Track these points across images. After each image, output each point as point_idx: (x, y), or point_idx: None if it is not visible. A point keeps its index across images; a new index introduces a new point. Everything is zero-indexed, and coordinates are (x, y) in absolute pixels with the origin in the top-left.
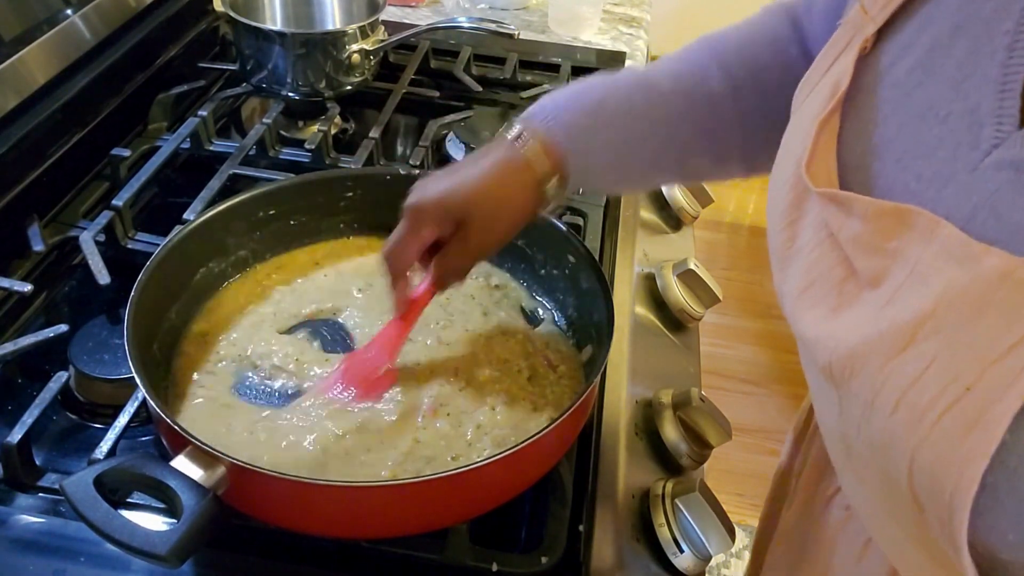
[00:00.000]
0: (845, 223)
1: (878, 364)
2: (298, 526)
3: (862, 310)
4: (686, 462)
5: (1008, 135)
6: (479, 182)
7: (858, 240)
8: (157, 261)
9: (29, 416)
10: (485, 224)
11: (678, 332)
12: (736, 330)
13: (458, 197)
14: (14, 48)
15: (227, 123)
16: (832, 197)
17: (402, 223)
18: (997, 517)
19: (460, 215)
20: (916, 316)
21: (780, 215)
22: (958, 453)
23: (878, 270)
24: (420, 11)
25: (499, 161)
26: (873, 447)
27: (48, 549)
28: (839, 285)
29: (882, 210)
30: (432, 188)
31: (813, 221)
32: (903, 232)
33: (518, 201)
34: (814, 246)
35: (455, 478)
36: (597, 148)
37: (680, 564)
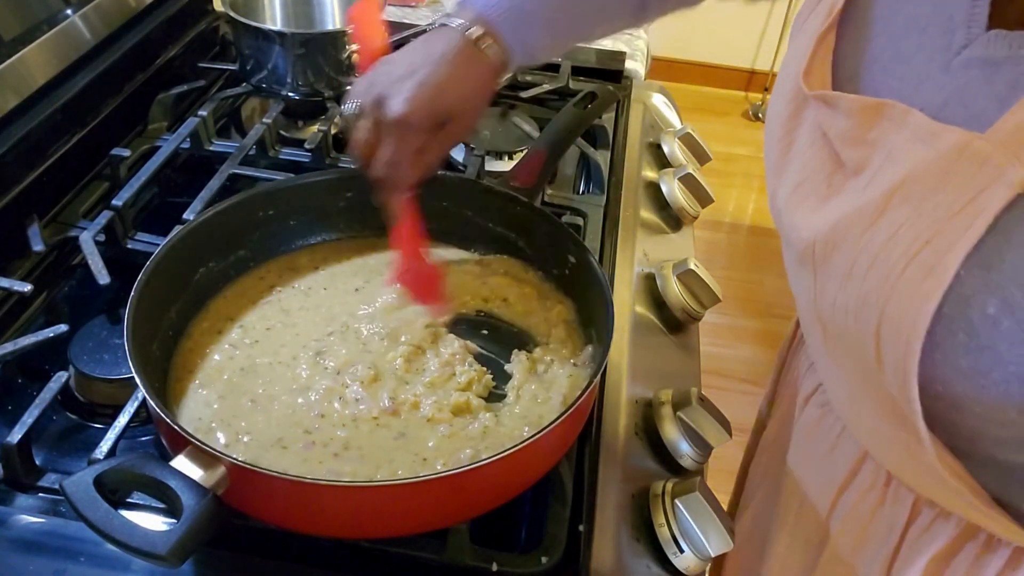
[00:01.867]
0: (834, 120)
1: (856, 235)
2: (298, 526)
3: (846, 195)
4: (686, 462)
5: (975, 37)
6: (455, 80)
7: (844, 134)
8: (157, 261)
9: (29, 416)
10: (468, 119)
11: (678, 332)
12: (736, 330)
13: (444, 99)
14: (14, 48)
15: (227, 123)
16: (823, 98)
17: (390, 136)
18: (951, 345)
19: (447, 116)
20: (887, 190)
21: (779, 126)
22: (917, 295)
23: (861, 159)
24: (420, 11)
25: (461, 56)
26: (848, 315)
27: (48, 549)
28: (828, 177)
29: (864, 105)
30: (411, 93)
31: (808, 126)
32: (880, 123)
33: (488, 90)
34: (808, 146)
35: (455, 478)
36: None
37: (680, 564)
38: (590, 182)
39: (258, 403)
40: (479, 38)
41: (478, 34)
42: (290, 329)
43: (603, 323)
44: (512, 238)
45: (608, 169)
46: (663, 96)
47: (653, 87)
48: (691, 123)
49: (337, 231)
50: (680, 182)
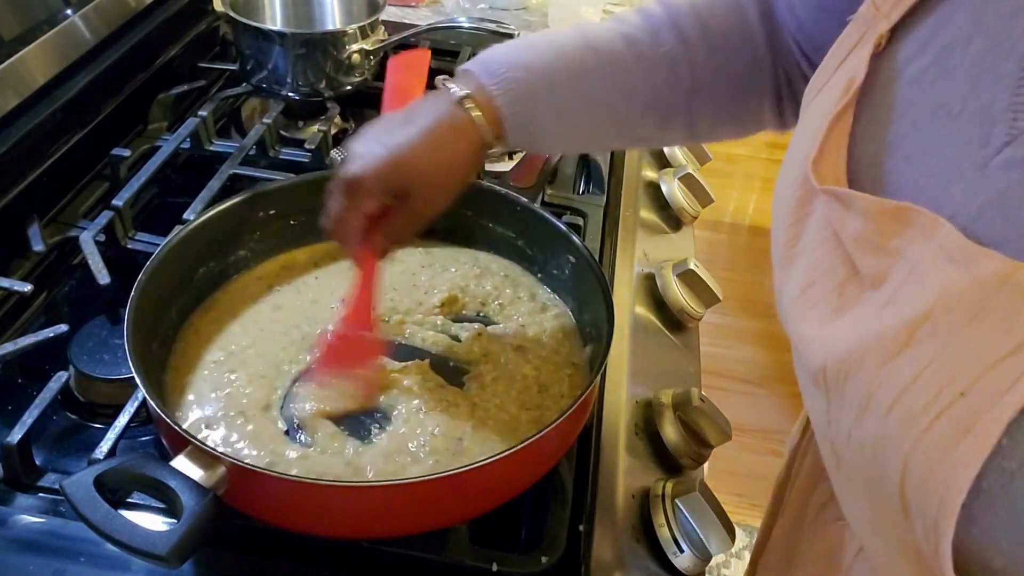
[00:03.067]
0: (847, 221)
1: (874, 367)
2: (298, 526)
3: (862, 311)
4: (686, 462)
5: (1021, 132)
6: (421, 150)
7: (860, 239)
8: (157, 261)
9: (29, 416)
10: (429, 194)
11: (678, 332)
12: (736, 330)
13: (400, 168)
14: (14, 48)
15: (227, 123)
16: (835, 195)
17: (340, 194)
18: (991, 523)
19: (403, 187)
20: (913, 318)
21: (786, 214)
22: (950, 458)
23: (880, 270)
24: (420, 11)
25: (441, 126)
26: (864, 452)
27: (48, 549)
28: (841, 286)
29: (883, 208)
30: (370, 156)
31: (818, 220)
32: (903, 231)
33: (462, 168)
34: (817, 245)
35: (455, 478)
36: (541, 113)
37: (680, 564)
38: (590, 182)
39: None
40: (466, 101)
41: (465, 96)
42: (290, 328)
43: (603, 323)
44: (512, 238)
45: (608, 169)
46: None
47: None
48: None
49: None
50: (680, 182)
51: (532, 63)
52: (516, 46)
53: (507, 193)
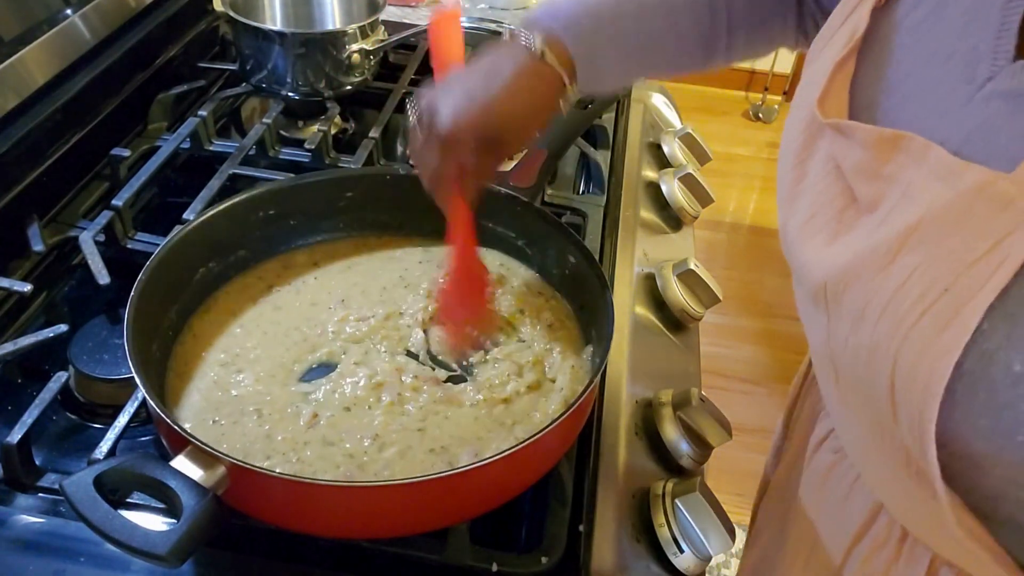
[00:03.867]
0: (848, 151)
1: (868, 276)
2: (298, 526)
3: (859, 233)
4: (686, 462)
5: (1001, 69)
6: (509, 100)
7: (859, 167)
8: (157, 261)
9: (29, 416)
10: (518, 138)
11: (678, 332)
12: (736, 330)
13: (492, 118)
14: (14, 48)
15: (227, 123)
16: (838, 127)
17: (437, 149)
18: (971, 404)
19: (494, 135)
20: (902, 230)
21: (792, 154)
22: (934, 348)
23: (875, 194)
24: (420, 11)
25: (522, 74)
26: (859, 359)
27: (48, 549)
28: (840, 213)
29: (880, 136)
30: (461, 109)
31: (822, 157)
32: (898, 156)
33: (545, 111)
34: (820, 178)
35: (455, 478)
36: (605, 53)
37: (680, 564)
38: (590, 182)
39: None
40: (543, 52)
41: (542, 48)
42: (291, 329)
43: (603, 323)
44: (512, 238)
45: (608, 169)
46: (663, 96)
47: (653, 87)
48: (691, 123)
49: (337, 231)
50: (680, 182)
51: (593, 7)
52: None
53: (507, 193)
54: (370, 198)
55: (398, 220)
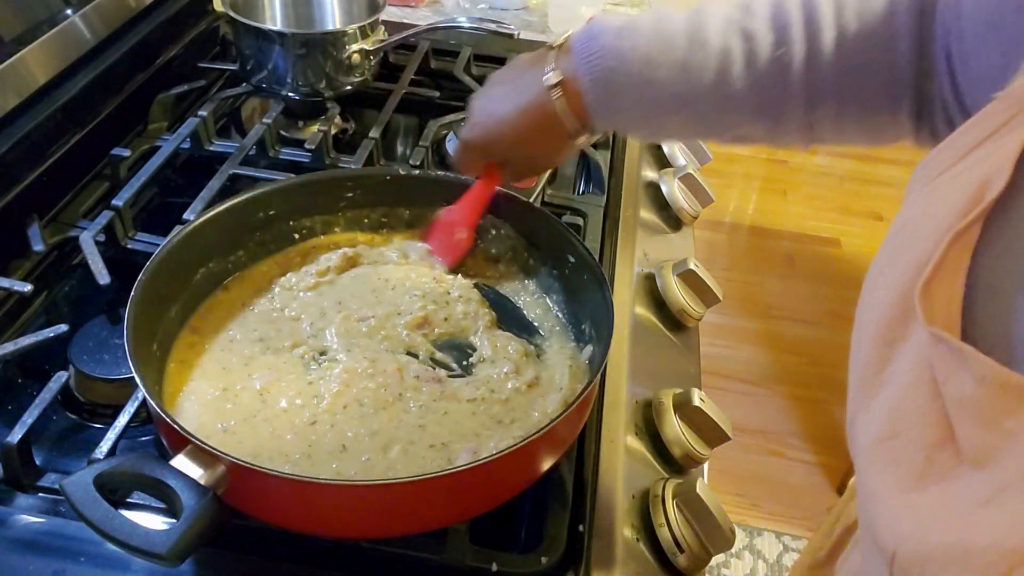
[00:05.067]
0: (955, 377)
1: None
2: (298, 526)
3: (954, 495)
4: (686, 462)
5: None
6: (515, 129)
7: (967, 405)
8: (157, 261)
9: (29, 416)
10: (523, 165)
11: (678, 332)
12: (736, 330)
13: (498, 142)
14: (14, 48)
15: (227, 123)
16: (947, 343)
17: (460, 148)
18: None
19: (500, 159)
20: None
21: (875, 329)
22: None
23: (985, 448)
24: (420, 11)
25: (531, 110)
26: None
27: (48, 549)
28: (930, 449)
29: (1007, 382)
30: (479, 125)
31: (916, 355)
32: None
33: (552, 147)
34: (909, 385)
35: (455, 477)
36: (628, 106)
37: (680, 564)
38: (590, 182)
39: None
40: (559, 101)
41: (554, 90)
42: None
43: (603, 323)
44: (512, 238)
45: (608, 169)
46: None
47: None
48: None
49: (337, 231)
50: (680, 182)
51: (629, 53)
52: (624, 26)
53: (507, 193)
54: (370, 198)
55: (398, 220)
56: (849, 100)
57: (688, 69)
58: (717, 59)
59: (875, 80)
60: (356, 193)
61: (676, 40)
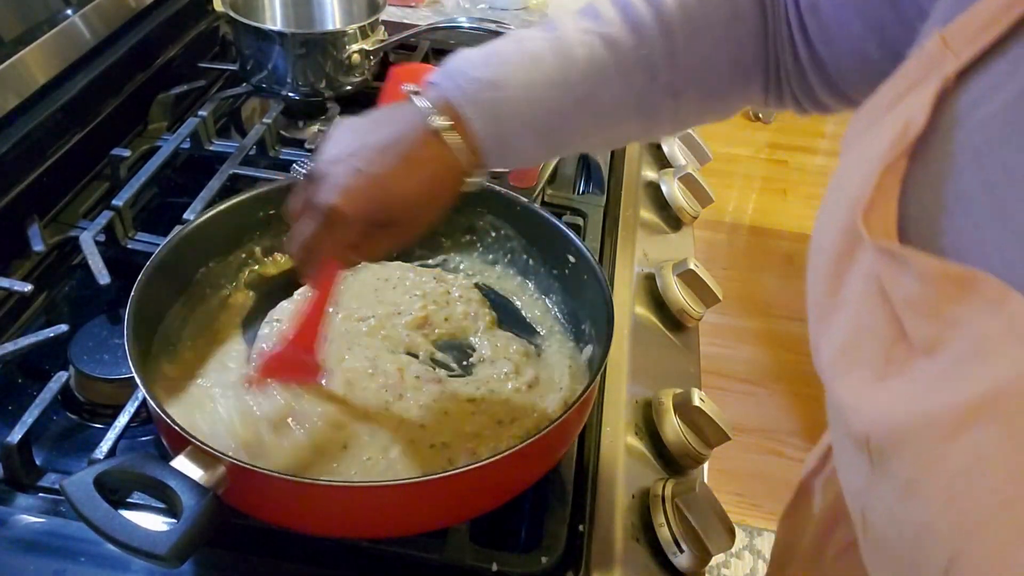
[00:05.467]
0: (900, 281)
1: (924, 446)
2: (298, 526)
3: (911, 380)
4: (686, 462)
5: None
6: (404, 182)
7: (913, 302)
8: (157, 261)
9: (29, 416)
10: (413, 223)
11: (678, 332)
12: (736, 330)
13: (384, 202)
14: (14, 48)
15: (227, 123)
16: (889, 251)
17: (316, 219)
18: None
19: (387, 220)
20: (972, 399)
21: (826, 261)
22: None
23: (933, 337)
24: (420, 11)
25: (420, 152)
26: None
27: (48, 549)
28: (887, 347)
29: (945, 272)
30: (352, 188)
31: (864, 273)
32: (966, 298)
33: (445, 194)
34: (862, 300)
35: (455, 478)
36: (518, 131)
37: (680, 564)
38: (590, 182)
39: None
40: (443, 130)
41: (441, 125)
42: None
43: (603, 323)
44: (512, 238)
45: (608, 169)
46: None
47: None
48: None
49: None
50: (680, 182)
51: (504, 80)
52: (484, 56)
53: (507, 193)
54: None
55: None
56: (709, 85)
57: (565, 85)
58: (588, 70)
59: (728, 62)
60: None
61: (544, 59)
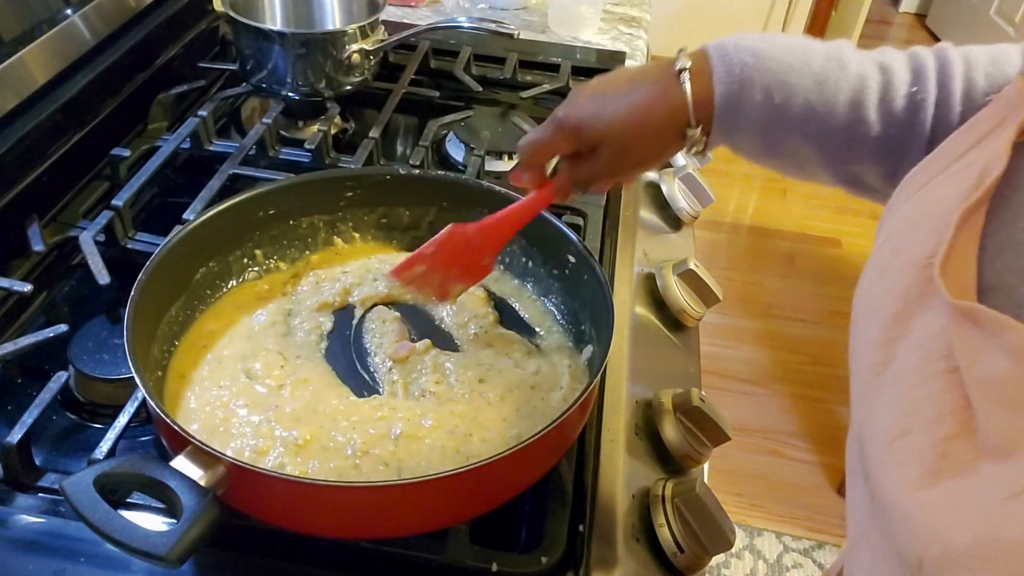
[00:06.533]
0: (983, 356)
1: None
2: (298, 526)
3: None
4: (686, 462)
5: None
6: (621, 115)
7: (996, 385)
8: (157, 261)
9: (29, 416)
10: (618, 155)
11: (678, 332)
12: (736, 330)
13: (597, 125)
14: (14, 48)
15: (227, 123)
16: (972, 315)
17: (545, 125)
18: None
19: (595, 142)
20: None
21: (878, 327)
22: None
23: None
24: (420, 11)
25: (651, 97)
26: None
27: (48, 549)
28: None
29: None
30: (581, 106)
31: (923, 344)
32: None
33: (654, 141)
34: (919, 380)
35: (455, 478)
36: (753, 101)
37: (680, 564)
38: None
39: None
40: (683, 69)
41: (684, 65)
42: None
43: (603, 323)
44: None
45: None
46: None
47: None
48: None
49: (337, 231)
50: (680, 182)
51: (765, 52)
52: (762, 36)
53: (507, 193)
54: (370, 198)
55: (398, 220)
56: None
57: (824, 83)
58: (854, 82)
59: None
60: (356, 193)
61: (814, 55)
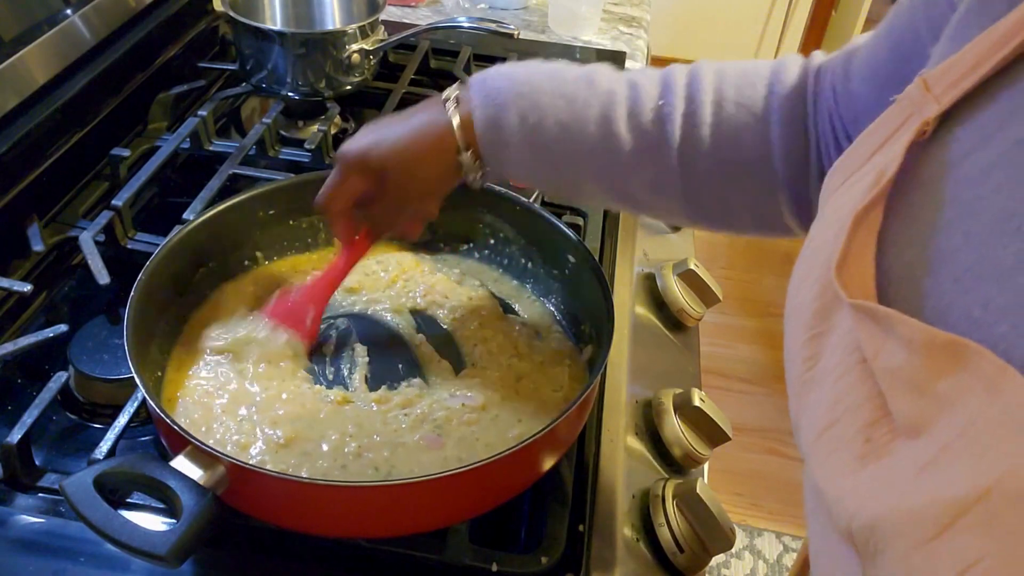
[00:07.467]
0: (883, 348)
1: (907, 545)
2: (298, 526)
3: (893, 466)
4: (686, 462)
5: None
6: (398, 141)
7: (898, 373)
8: (157, 261)
9: (29, 416)
10: (400, 182)
11: (678, 332)
12: (736, 330)
13: (377, 153)
14: (14, 48)
15: (227, 123)
16: (870, 312)
17: (334, 170)
18: None
19: (378, 170)
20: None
21: (801, 326)
22: None
23: (919, 416)
24: (420, 11)
25: (423, 124)
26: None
27: (48, 549)
28: (867, 428)
29: (933, 341)
30: (362, 136)
31: (843, 340)
32: (958, 374)
33: (432, 166)
34: (841, 373)
35: (455, 478)
36: (512, 123)
37: (680, 564)
38: None
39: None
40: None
41: (448, 95)
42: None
43: (603, 323)
44: (512, 238)
45: None
46: None
47: None
48: None
49: None
50: None
51: (520, 76)
52: (526, 63)
53: (507, 193)
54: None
55: None
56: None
57: (573, 101)
58: (603, 98)
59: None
60: None
61: (567, 77)
